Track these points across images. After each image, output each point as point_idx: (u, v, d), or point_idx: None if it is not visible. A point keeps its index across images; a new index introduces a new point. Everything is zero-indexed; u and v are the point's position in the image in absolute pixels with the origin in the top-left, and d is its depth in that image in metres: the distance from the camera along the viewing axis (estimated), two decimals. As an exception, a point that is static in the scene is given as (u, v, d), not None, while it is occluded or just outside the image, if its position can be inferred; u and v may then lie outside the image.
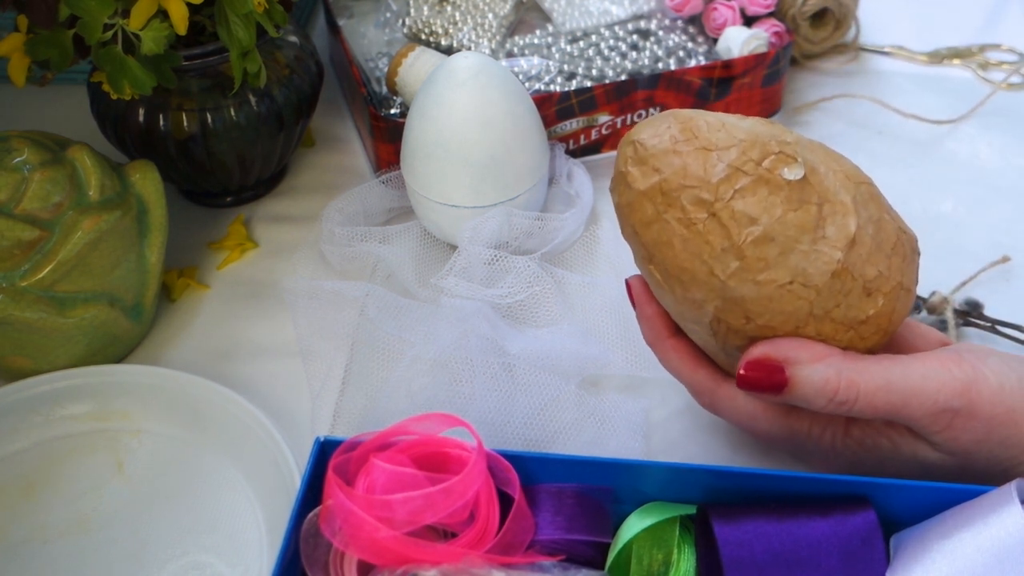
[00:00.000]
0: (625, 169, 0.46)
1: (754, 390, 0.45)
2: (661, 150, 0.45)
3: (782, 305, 0.44)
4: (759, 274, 0.44)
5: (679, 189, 0.44)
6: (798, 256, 0.43)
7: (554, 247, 0.64)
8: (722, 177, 0.44)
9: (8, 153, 0.56)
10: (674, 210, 0.44)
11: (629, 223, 0.47)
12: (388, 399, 0.57)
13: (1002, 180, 0.71)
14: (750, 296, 0.44)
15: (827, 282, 0.44)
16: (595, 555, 0.47)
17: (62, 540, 0.52)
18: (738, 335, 0.45)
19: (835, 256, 0.44)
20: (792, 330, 0.44)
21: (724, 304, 0.44)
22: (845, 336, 0.45)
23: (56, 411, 0.57)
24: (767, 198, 0.44)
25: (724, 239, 0.44)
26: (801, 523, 0.43)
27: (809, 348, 0.44)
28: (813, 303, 0.44)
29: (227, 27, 0.58)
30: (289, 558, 0.43)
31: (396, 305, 0.61)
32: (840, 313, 0.44)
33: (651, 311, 0.50)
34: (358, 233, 0.65)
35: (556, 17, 0.77)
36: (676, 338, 0.50)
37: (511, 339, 0.58)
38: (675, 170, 0.44)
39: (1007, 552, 0.40)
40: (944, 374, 0.44)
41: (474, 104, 0.60)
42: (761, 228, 0.43)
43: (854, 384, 0.44)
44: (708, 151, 0.44)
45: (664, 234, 0.45)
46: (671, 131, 0.45)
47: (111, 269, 0.58)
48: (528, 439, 0.55)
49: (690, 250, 0.44)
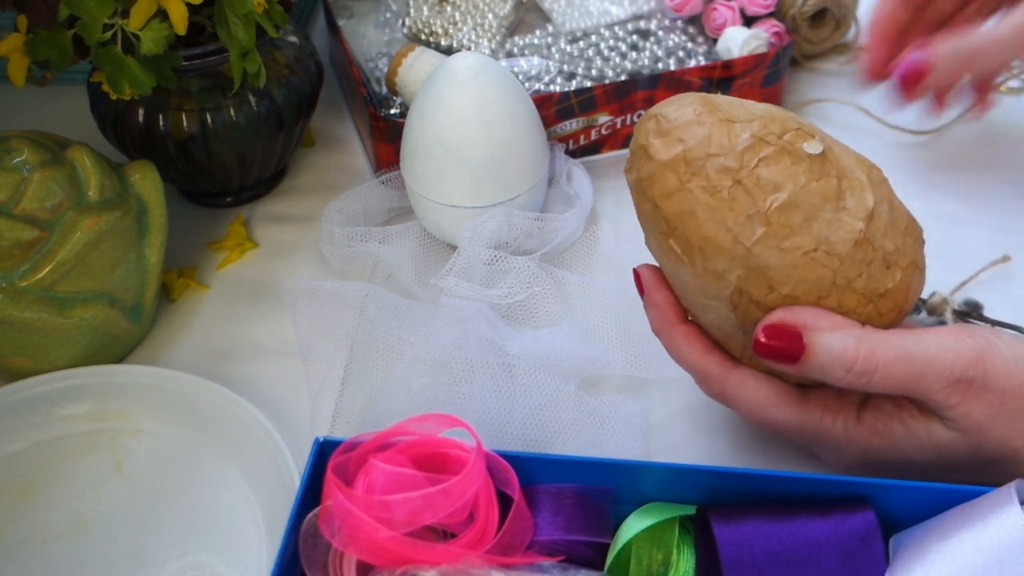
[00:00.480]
0: (646, 142, 0.46)
1: (772, 357, 0.45)
2: (684, 122, 0.46)
3: (806, 273, 0.44)
4: (784, 240, 0.44)
5: (704, 158, 0.45)
6: (821, 224, 0.44)
7: (554, 247, 0.64)
8: (746, 146, 0.44)
9: (8, 153, 0.56)
10: (698, 179, 0.45)
11: (648, 197, 0.46)
12: (387, 399, 0.57)
13: (1002, 179, 0.71)
14: (775, 263, 0.44)
15: (849, 251, 0.44)
16: (594, 556, 0.47)
17: (61, 540, 0.52)
18: (759, 307, 0.45)
19: (857, 226, 0.44)
20: (814, 301, 0.45)
21: (747, 273, 0.44)
22: (865, 310, 0.45)
23: (55, 411, 0.57)
24: (790, 167, 0.44)
25: (750, 206, 0.44)
26: (800, 524, 0.43)
27: (828, 317, 0.45)
28: (836, 272, 0.44)
29: (227, 27, 0.58)
30: (288, 558, 0.43)
31: (396, 305, 0.61)
32: (861, 284, 0.45)
33: (660, 297, 0.50)
34: (358, 233, 0.65)
35: (556, 17, 0.77)
36: (685, 324, 0.50)
37: (511, 339, 0.58)
38: (700, 139, 0.45)
39: (1006, 553, 0.40)
40: (959, 344, 0.44)
41: (474, 104, 0.60)
42: (786, 195, 0.44)
43: (873, 354, 0.44)
44: (731, 122, 0.45)
45: (687, 204, 0.45)
46: (693, 105, 0.46)
47: (111, 269, 0.58)
48: (527, 439, 0.55)
49: (714, 218, 0.44)
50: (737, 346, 0.48)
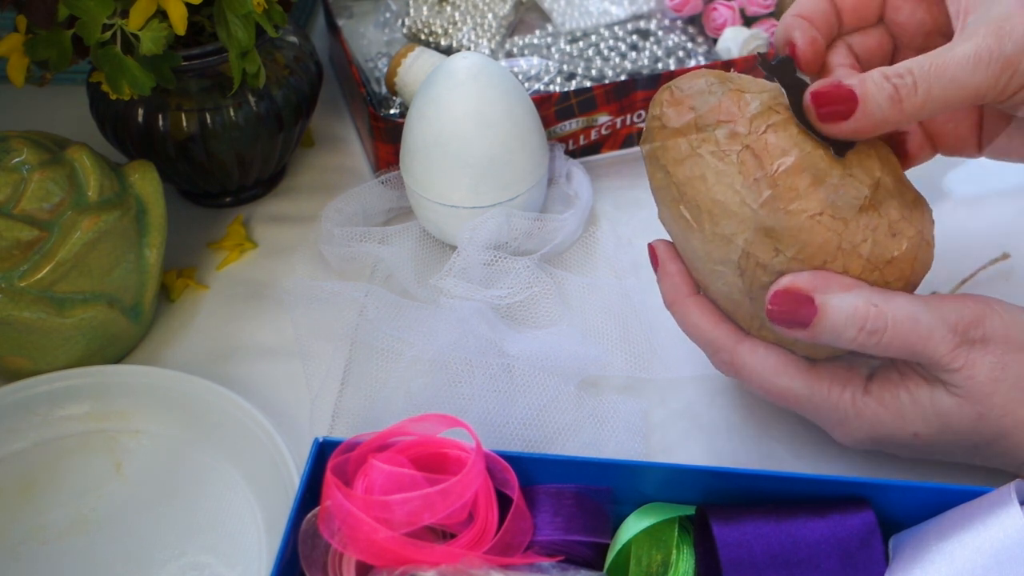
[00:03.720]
0: (660, 111, 0.48)
1: (784, 323, 0.45)
2: (696, 91, 0.47)
3: (812, 236, 0.45)
4: (791, 203, 0.45)
5: (715, 124, 0.46)
6: (828, 189, 0.45)
7: (553, 248, 0.64)
8: (756, 112, 0.46)
9: (7, 153, 0.56)
10: (708, 144, 0.46)
11: (661, 165, 0.48)
12: (387, 400, 0.57)
13: (1002, 179, 0.71)
14: (781, 226, 0.45)
15: (855, 216, 0.45)
16: (594, 556, 0.47)
17: (60, 541, 0.52)
18: (766, 271, 0.46)
19: (863, 192, 0.45)
20: (820, 264, 0.45)
21: (754, 236, 0.45)
22: (871, 277, 0.46)
23: (55, 411, 0.57)
24: (798, 135, 0.46)
25: (757, 169, 0.45)
26: (800, 524, 0.43)
27: (837, 279, 0.45)
28: (842, 236, 0.45)
29: (226, 27, 0.58)
30: (288, 558, 0.43)
31: (396, 305, 0.61)
32: (867, 249, 0.45)
33: (674, 268, 0.50)
34: (357, 234, 0.65)
35: (556, 17, 0.77)
36: (697, 296, 0.50)
37: (510, 340, 0.58)
38: (711, 107, 0.47)
39: (1006, 553, 0.40)
40: (962, 307, 0.45)
41: (473, 104, 0.60)
42: (793, 159, 0.45)
43: (883, 313, 0.44)
44: (742, 92, 0.47)
45: (697, 168, 0.46)
46: (705, 77, 0.48)
47: (110, 269, 0.58)
48: (527, 440, 0.55)
49: (723, 182, 0.46)
50: (745, 315, 0.49)
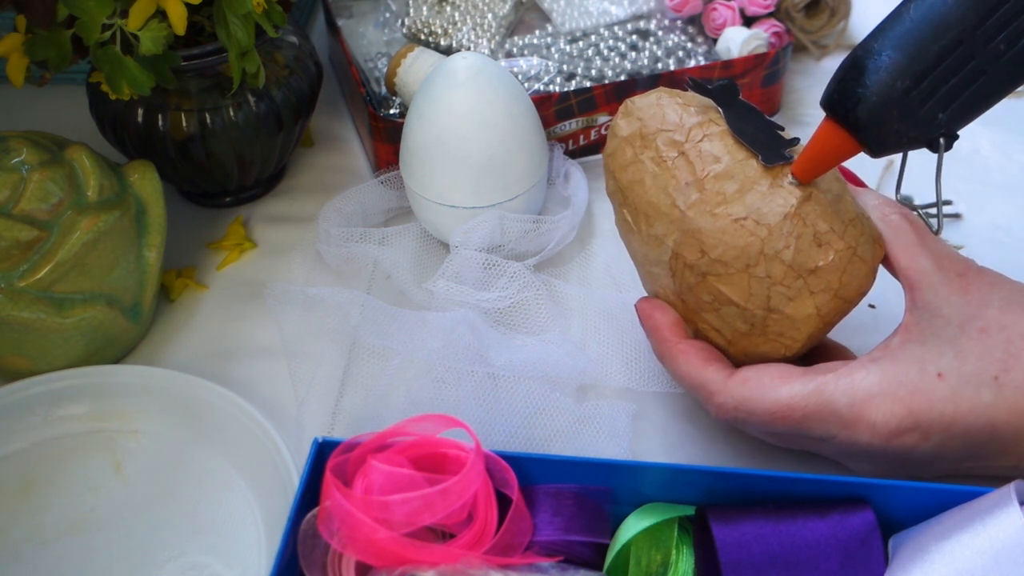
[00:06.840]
0: (615, 122, 0.52)
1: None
2: (646, 104, 0.51)
3: (735, 239, 0.46)
4: (716, 207, 0.47)
5: (656, 133, 0.49)
6: (755, 196, 0.47)
7: (549, 251, 0.64)
8: (695, 123, 0.49)
9: (7, 153, 0.56)
10: (649, 151, 0.49)
11: (611, 171, 0.52)
12: (386, 400, 0.57)
13: (1003, 177, 0.71)
14: (706, 228, 0.47)
15: (779, 223, 0.46)
16: (593, 556, 0.47)
17: (60, 541, 0.52)
18: (692, 271, 0.48)
19: (790, 201, 0.46)
20: (743, 268, 0.47)
21: (682, 237, 0.48)
22: (794, 284, 0.46)
23: (54, 411, 0.57)
24: (734, 145, 0.48)
25: (689, 174, 0.48)
26: (800, 525, 0.43)
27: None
28: (764, 241, 0.46)
29: (226, 27, 0.58)
30: (287, 559, 0.43)
31: (386, 314, 0.59)
32: (789, 256, 0.46)
33: (656, 320, 0.50)
34: (356, 234, 0.65)
35: (555, 17, 0.77)
36: (683, 342, 0.50)
37: (496, 349, 0.57)
38: (655, 117, 0.50)
39: (1005, 554, 0.40)
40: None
41: (473, 104, 0.60)
42: (723, 166, 0.47)
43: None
44: (687, 105, 0.50)
45: (638, 173, 0.50)
46: (659, 93, 0.51)
47: (109, 269, 0.58)
48: (515, 448, 0.54)
49: (658, 185, 0.49)
50: (680, 313, 0.51)
